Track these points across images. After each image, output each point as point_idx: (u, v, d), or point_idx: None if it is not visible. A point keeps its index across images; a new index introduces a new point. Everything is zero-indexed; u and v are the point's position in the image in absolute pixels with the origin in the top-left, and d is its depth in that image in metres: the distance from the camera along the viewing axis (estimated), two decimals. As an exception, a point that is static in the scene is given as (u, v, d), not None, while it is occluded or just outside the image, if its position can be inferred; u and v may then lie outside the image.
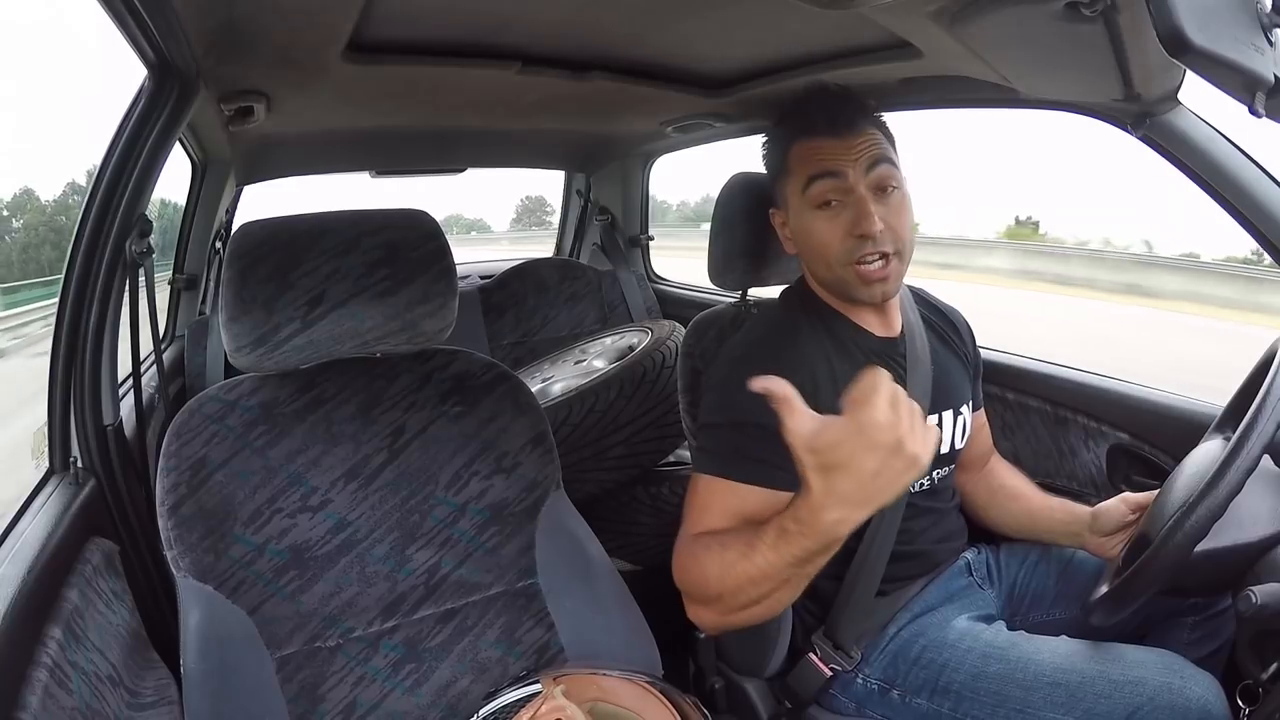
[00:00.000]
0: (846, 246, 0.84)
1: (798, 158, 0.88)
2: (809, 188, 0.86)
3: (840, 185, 0.85)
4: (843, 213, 0.85)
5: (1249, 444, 0.66)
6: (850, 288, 0.87)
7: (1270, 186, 0.92)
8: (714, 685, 1.02)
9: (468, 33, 1.03)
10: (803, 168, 0.87)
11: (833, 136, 0.86)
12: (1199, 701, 0.73)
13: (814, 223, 0.86)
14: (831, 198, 0.85)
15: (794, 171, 0.88)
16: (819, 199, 0.86)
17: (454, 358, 0.89)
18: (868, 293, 0.86)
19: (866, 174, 0.84)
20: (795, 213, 0.89)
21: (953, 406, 0.95)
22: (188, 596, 0.74)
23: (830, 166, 0.85)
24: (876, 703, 0.88)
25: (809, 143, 0.87)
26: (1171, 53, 0.43)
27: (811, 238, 0.88)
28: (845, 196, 0.85)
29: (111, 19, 0.75)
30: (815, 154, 0.86)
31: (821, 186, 0.85)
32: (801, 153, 0.87)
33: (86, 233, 0.86)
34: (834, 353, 0.88)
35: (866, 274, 0.85)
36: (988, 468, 1.09)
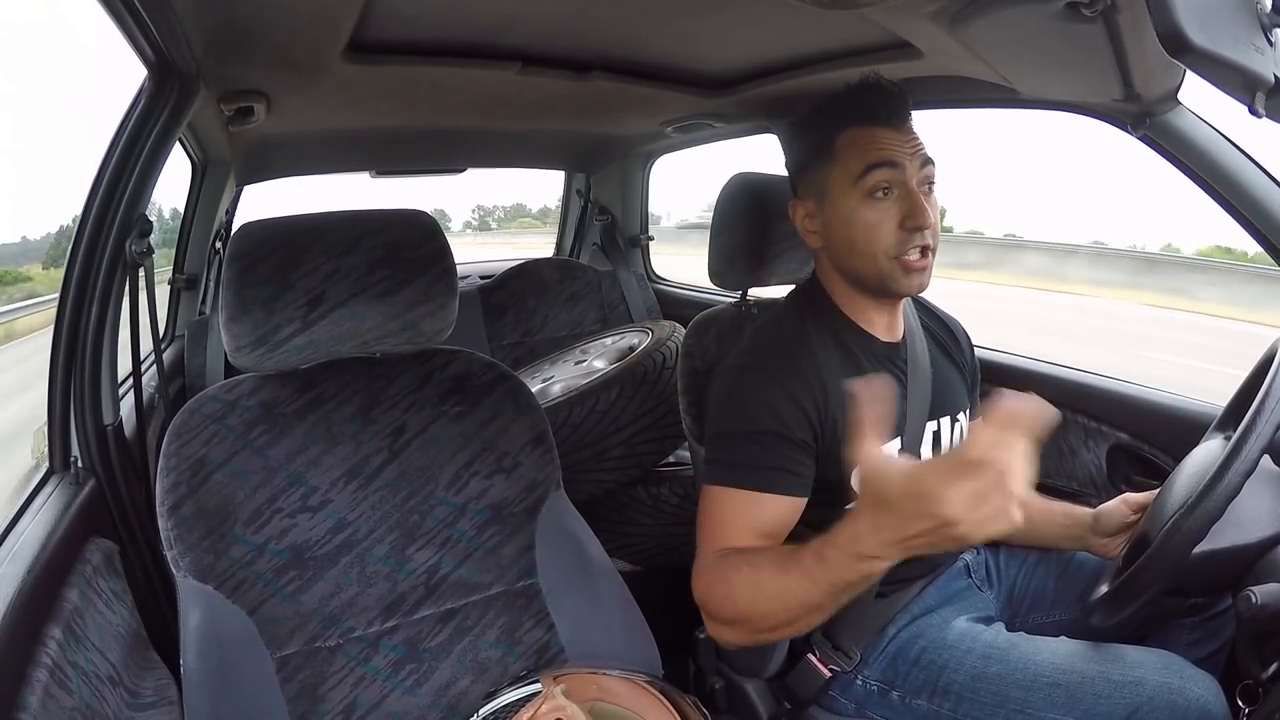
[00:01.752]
0: (897, 238, 0.84)
1: (851, 145, 0.85)
2: (865, 176, 0.84)
3: (898, 176, 0.83)
4: (895, 204, 0.84)
5: (1248, 444, 0.66)
6: (891, 279, 0.86)
7: (1270, 186, 0.92)
8: (714, 685, 1.02)
9: (468, 33, 1.03)
10: (858, 155, 0.85)
11: (891, 127, 0.84)
12: (1198, 702, 0.73)
13: (865, 211, 0.84)
14: (889, 186, 0.84)
15: (843, 159, 0.85)
16: (874, 187, 0.84)
17: (454, 358, 0.89)
18: (908, 283, 0.85)
19: (920, 169, 0.84)
20: (839, 201, 0.86)
21: (950, 413, 0.95)
22: (188, 596, 0.74)
23: (891, 156, 0.83)
24: (876, 703, 0.88)
25: (866, 130, 0.85)
26: (1171, 53, 0.43)
27: (858, 227, 0.85)
28: (899, 188, 0.84)
29: (111, 19, 0.75)
30: (874, 142, 0.84)
31: (880, 175, 0.83)
32: (857, 140, 0.85)
33: (86, 233, 0.86)
34: (840, 359, 0.88)
35: (910, 263, 0.84)
36: None
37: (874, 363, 0.90)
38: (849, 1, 0.76)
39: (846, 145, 0.85)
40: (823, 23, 0.95)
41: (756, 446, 0.81)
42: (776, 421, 0.82)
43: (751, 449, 0.81)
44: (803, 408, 0.83)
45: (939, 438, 0.94)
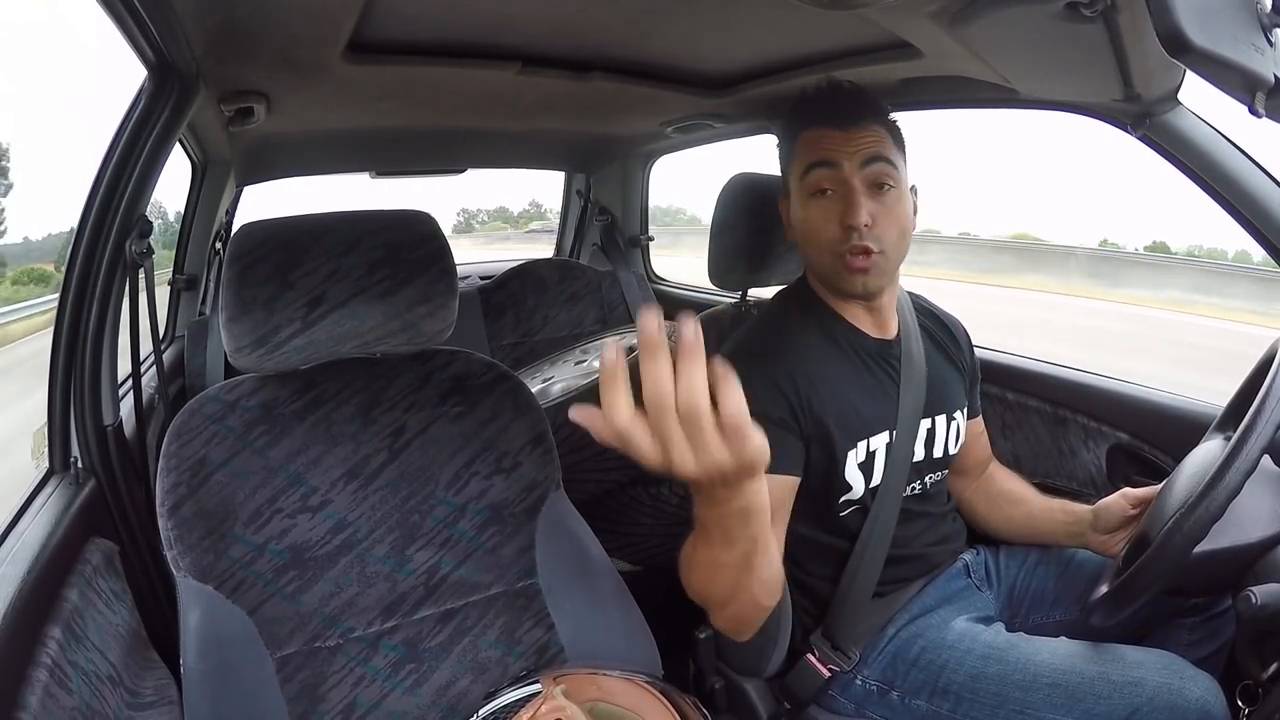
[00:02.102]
0: (835, 236, 0.86)
1: (802, 145, 0.90)
2: (807, 175, 0.88)
3: (835, 175, 0.86)
4: (836, 203, 0.86)
5: (1248, 445, 0.66)
6: (836, 277, 0.89)
7: (1270, 186, 0.92)
8: (714, 685, 1.02)
9: (468, 33, 1.03)
10: (804, 155, 0.89)
11: (835, 127, 0.88)
12: (1198, 702, 0.73)
13: (809, 209, 0.89)
14: (826, 186, 0.87)
15: (797, 158, 0.90)
16: (814, 186, 0.88)
17: (454, 358, 0.89)
18: (849, 283, 0.87)
19: (861, 168, 0.86)
20: (794, 198, 0.92)
21: (945, 411, 0.95)
22: (188, 596, 0.74)
23: (827, 156, 0.87)
24: (875, 703, 0.88)
25: (813, 131, 0.89)
26: (1171, 53, 0.43)
27: (804, 224, 0.90)
28: (839, 187, 0.86)
29: (111, 19, 0.75)
30: (816, 142, 0.88)
31: (817, 175, 0.87)
32: (805, 140, 0.90)
33: (86, 233, 0.86)
34: (827, 349, 0.89)
35: (850, 264, 0.86)
36: (986, 474, 1.09)
37: (866, 358, 0.91)
38: (849, 1, 0.76)
39: (801, 146, 0.90)
40: (823, 23, 0.95)
41: None
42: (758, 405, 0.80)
43: None
44: (778, 386, 0.84)
45: (933, 435, 0.94)
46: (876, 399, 0.90)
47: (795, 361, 0.86)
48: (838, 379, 0.88)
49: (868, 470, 0.88)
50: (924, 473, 0.94)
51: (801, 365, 0.86)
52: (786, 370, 0.85)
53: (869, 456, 0.88)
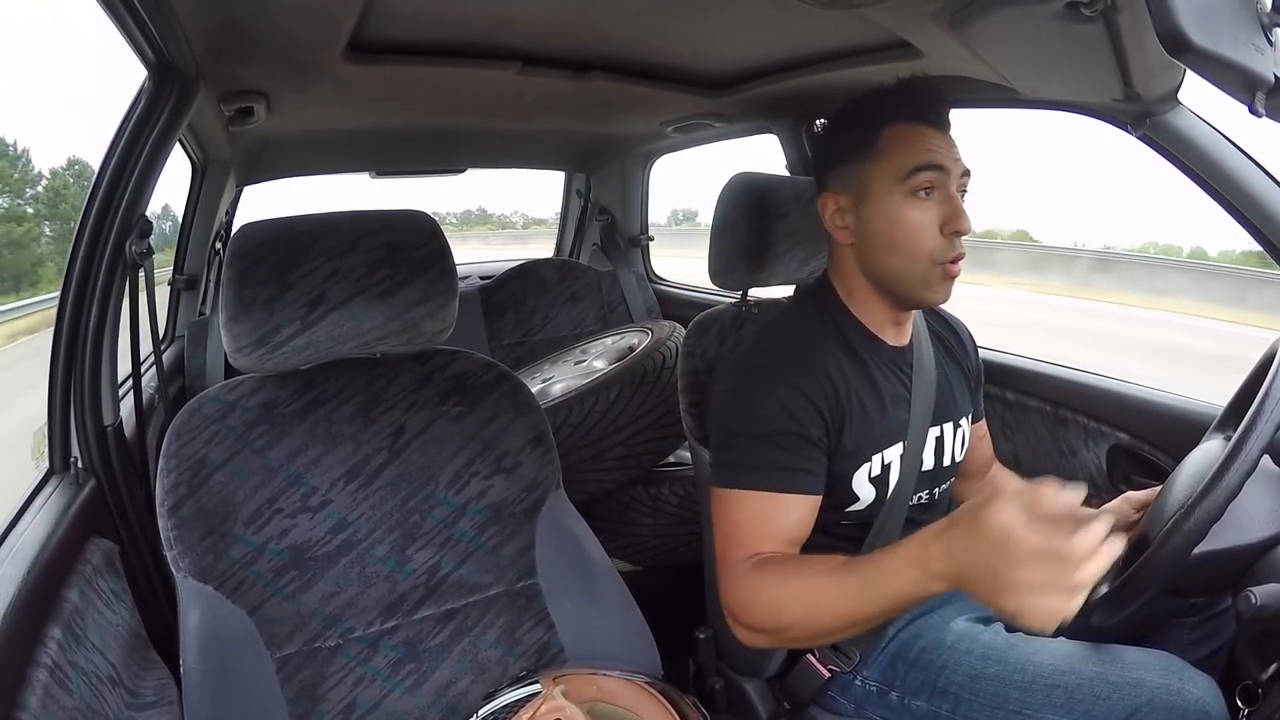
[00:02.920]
0: (940, 243, 0.83)
1: (898, 141, 0.83)
2: (914, 175, 0.82)
3: (942, 180, 0.82)
4: (937, 208, 0.82)
5: (1248, 445, 0.66)
6: (928, 287, 0.85)
7: (1270, 186, 0.92)
8: (714, 685, 1.02)
9: (468, 33, 1.03)
10: (906, 153, 0.82)
11: (939, 130, 0.84)
12: (1197, 703, 0.73)
13: (909, 212, 0.83)
14: (932, 188, 0.82)
15: (889, 155, 0.83)
16: (920, 188, 0.82)
17: (454, 358, 0.89)
18: (944, 289, 0.85)
19: (960, 176, 0.83)
20: (880, 198, 0.84)
21: (953, 419, 0.95)
22: (188, 596, 0.74)
23: (940, 160, 0.82)
24: (875, 704, 0.88)
25: (914, 129, 0.83)
26: (1171, 53, 0.43)
27: (901, 227, 0.83)
28: (942, 191, 0.82)
29: (111, 19, 0.75)
30: (924, 142, 0.82)
31: (927, 176, 0.82)
32: (905, 137, 0.83)
33: (86, 233, 0.86)
34: (847, 362, 0.87)
35: (950, 271, 0.84)
36: (988, 476, 1.09)
37: (881, 367, 0.90)
38: (849, 1, 0.76)
39: (892, 140, 0.83)
40: (822, 23, 0.95)
41: (773, 447, 0.81)
42: (791, 420, 0.81)
43: (768, 450, 0.81)
44: (815, 405, 0.82)
45: (941, 444, 0.94)
46: (891, 410, 0.88)
47: (825, 374, 0.84)
48: (861, 392, 0.86)
49: (882, 484, 0.87)
50: (932, 483, 0.94)
51: (830, 380, 0.84)
52: (818, 384, 0.83)
53: (884, 469, 0.88)
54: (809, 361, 0.85)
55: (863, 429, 0.86)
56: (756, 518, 0.80)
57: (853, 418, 0.85)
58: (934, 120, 0.83)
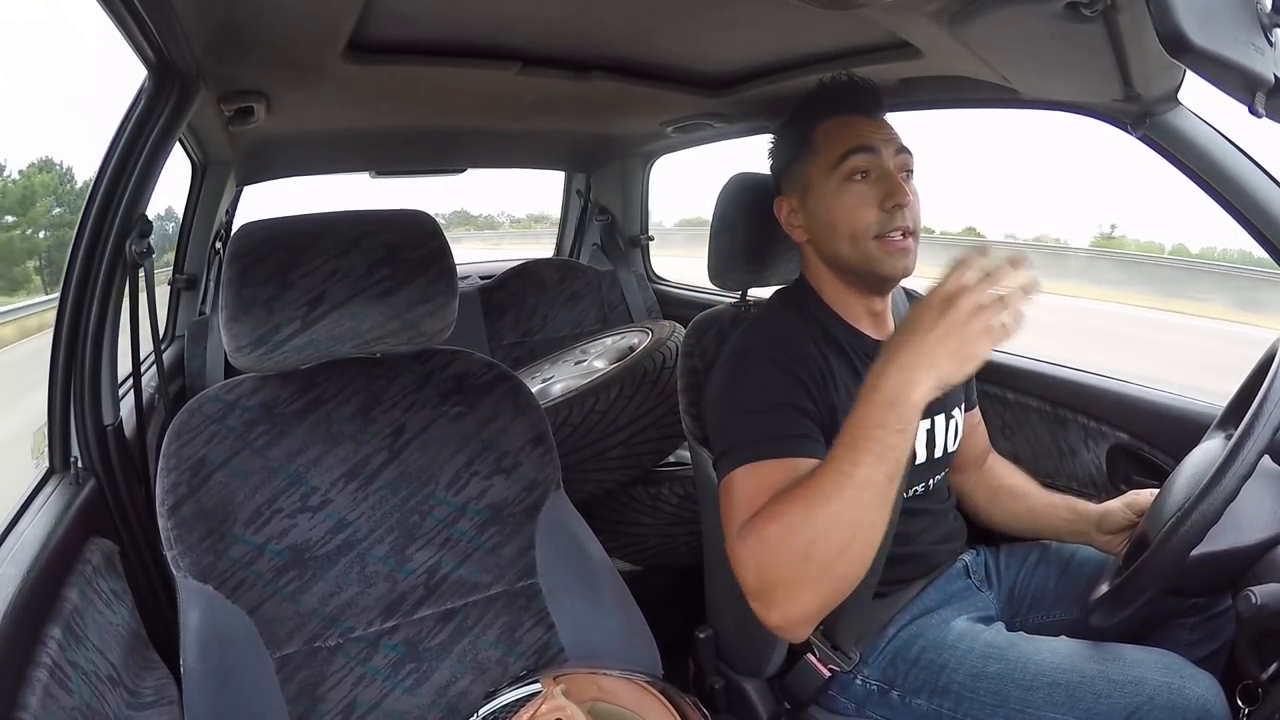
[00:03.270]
0: (877, 218, 0.85)
1: (829, 134, 0.88)
2: (843, 161, 0.86)
3: (874, 161, 0.86)
4: (873, 187, 0.86)
5: (1248, 445, 0.66)
6: (875, 262, 0.86)
7: (1270, 186, 0.92)
8: (714, 685, 1.02)
9: (468, 33, 1.03)
10: (835, 143, 0.87)
11: (865, 115, 0.88)
12: (1199, 701, 0.73)
13: (845, 196, 0.86)
14: (866, 170, 0.86)
15: (822, 148, 0.88)
16: (851, 172, 0.86)
17: (454, 358, 0.89)
18: (891, 264, 0.86)
19: (895, 155, 0.87)
20: (820, 189, 0.89)
21: (945, 410, 0.95)
22: (188, 596, 0.74)
23: (866, 142, 0.86)
24: (876, 703, 0.88)
25: (843, 119, 0.88)
26: (1171, 53, 0.43)
27: (839, 212, 0.87)
28: (877, 171, 0.86)
29: (111, 19, 0.75)
30: (850, 130, 0.87)
31: (858, 160, 0.86)
32: (834, 129, 0.88)
33: (86, 233, 0.86)
34: (832, 356, 0.88)
35: (893, 245, 0.85)
36: (986, 467, 1.09)
37: (866, 360, 0.90)
38: (848, 1, 0.76)
39: (824, 135, 0.89)
40: (822, 23, 0.95)
41: (765, 418, 0.81)
42: (781, 394, 0.82)
43: (762, 421, 0.81)
44: (802, 382, 0.83)
45: (933, 435, 0.94)
46: None
47: (810, 362, 0.85)
48: (848, 386, 0.87)
49: None
50: (926, 474, 0.94)
51: (817, 367, 0.85)
52: (807, 369, 0.85)
53: None
54: (796, 349, 0.86)
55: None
56: (758, 487, 0.77)
57: (841, 410, 0.85)
58: (859, 107, 0.89)
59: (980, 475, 1.09)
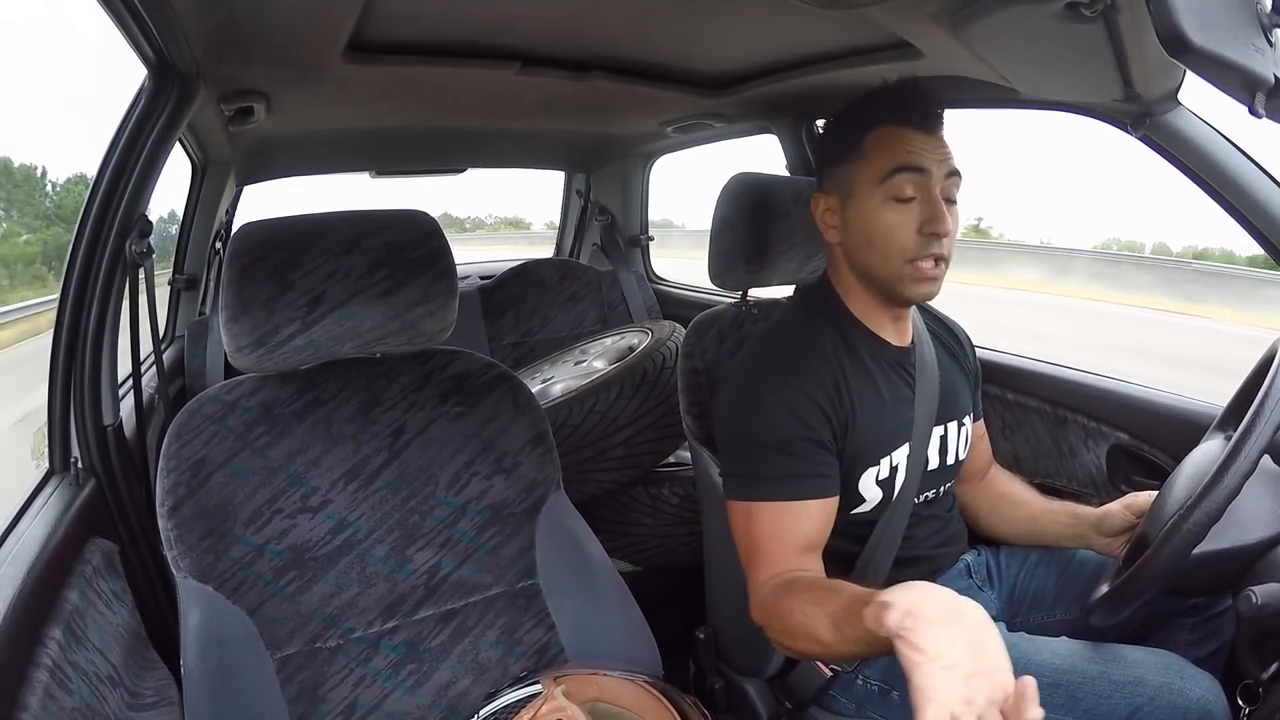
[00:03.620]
0: (914, 243, 0.83)
1: (880, 144, 0.84)
2: (891, 177, 0.83)
3: (923, 182, 0.82)
4: (916, 209, 0.83)
5: (1248, 445, 0.66)
6: (902, 284, 0.85)
7: (1270, 186, 0.92)
8: (714, 685, 1.02)
9: (468, 33, 1.03)
10: (886, 156, 0.83)
11: (924, 132, 0.83)
12: (1199, 702, 0.73)
13: (887, 213, 0.84)
14: (912, 192, 0.83)
15: (872, 157, 0.84)
16: (897, 191, 0.83)
17: (454, 358, 0.89)
18: (917, 290, 0.85)
19: (945, 179, 0.83)
20: (863, 198, 0.85)
21: (957, 418, 0.95)
22: (188, 597, 0.74)
23: (918, 161, 0.82)
24: (877, 704, 0.88)
25: (899, 131, 0.83)
26: (1171, 53, 0.43)
27: (877, 227, 0.84)
28: (922, 194, 0.83)
29: (111, 19, 0.75)
30: (905, 144, 0.83)
31: (905, 179, 0.82)
32: (887, 140, 0.84)
33: (86, 233, 0.86)
34: (849, 364, 0.88)
35: (923, 271, 0.84)
36: (988, 477, 1.09)
37: (884, 368, 0.90)
38: (849, 1, 0.76)
39: (876, 143, 0.84)
40: (822, 23, 0.95)
41: (784, 455, 0.81)
42: (800, 424, 0.82)
43: (779, 458, 0.81)
44: (821, 408, 0.83)
45: (945, 442, 0.94)
46: (897, 411, 0.89)
47: (830, 377, 0.85)
48: (864, 394, 0.87)
49: (888, 486, 0.88)
50: (937, 481, 0.94)
51: (835, 382, 0.85)
52: (825, 389, 0.84)
53: (892, 472, 0.88)
54: (812, 365, 0.85)
55: (868, 432, 0.86)
56: (776, 530, 0.81)
57: (857, 420, 0.85)
58: (918, 122, 0.83)
59: (982, 485, 1.09)
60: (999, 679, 0.52)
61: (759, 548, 0.82)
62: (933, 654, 0.53)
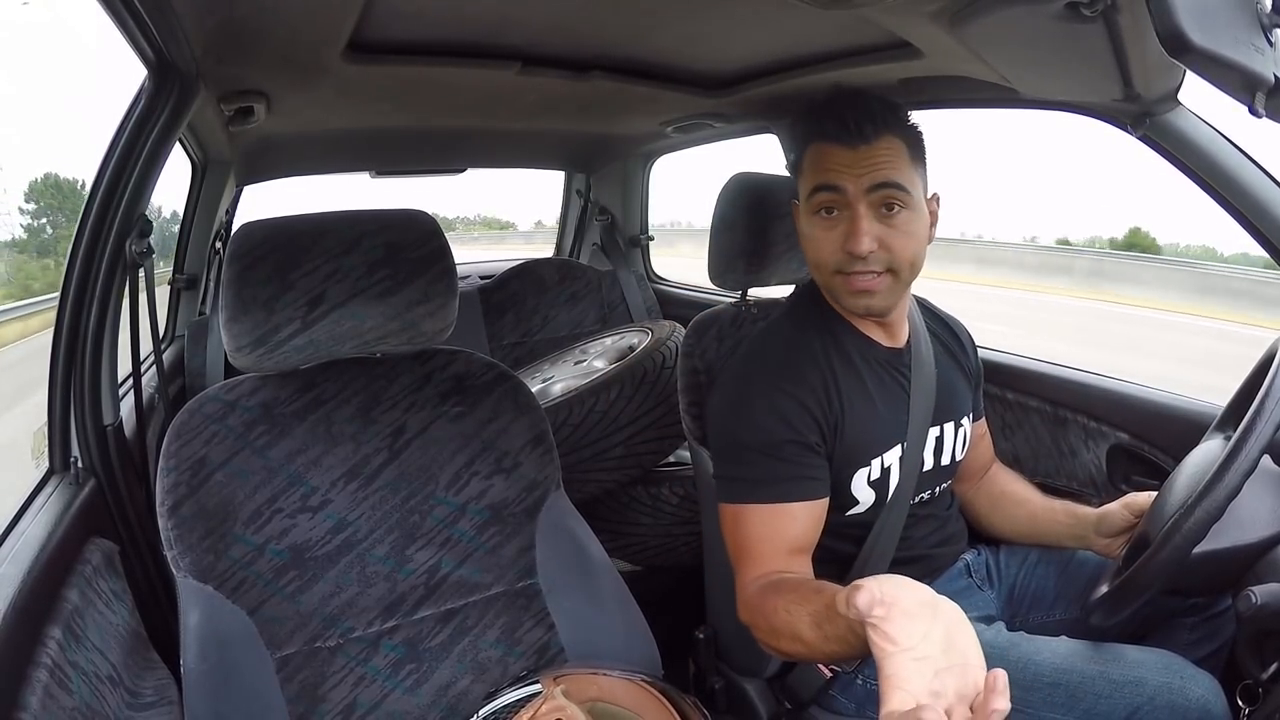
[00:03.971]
0: (837, 258, 0.84)
1: (810, 161, 0.87)
2: (814, 195, 0.85)
3: (840, 199, 0.83)
4: (839, 224, 0.84)
5: (1248, 445, 0.66)
6: (838, 295, 0.88)
7: (1270, 186, 0.92)
8: (714, 685, 1.02)
9: (468, 33, 1.03)
10: (812, 172, 0.86)
11: (844, 145, 0.83)
12: (1199, 701, 0.73)
13: (812, 229, 0.86)
14: (832, 207, 0.84)
15: (805, 173, 0.87)
16: (818, 207, 0.85)
17: (454, 358, 0.89)
18: (851, 302, 0.86)
19: (868, 193, 0.82)
20: (800, 213, 0.89)
21: (954, 419, 0.95)
22: (188, 596, 0.74)
23: (832, 179, 0.83)
24: (876, 704, 0.88)
25: (822, 147, 0.85)
26: (1171, 53, 0.43)
27: (806, 240, 0.88)
28: (843, 210, 0.84)
29: (111, 19, 0.75)
30: (823, 161, 0.84)
31: (823, 197, 0.84)
32: (815, 157, 0.86)
33: (86, 233, 0.86)
34: (839, 365, 0.88)
35: (852, 283, 0.84)
36: (989, 475, 1.09)
37: (875, 368, 0.90)
38: (849, 1, 0.76)
39: (807, 160, 0.87)
40: (822, 23, 0.95)
41: (773, 460, 0.82)
42: (789, 429, 0.82)
43: (768, 463, 0.82)
44: (810, 412, 0.84)
45: (941, 443, 0.94)
46: (889, 412, 0.89)
47: (818, 381, 0.85)
48: (854, 396, 0.87)
49: (881, 487, 0.88)
50: (933, 481, 0.94)
51: (824, 385, 0.86)
52: (813, 392, 0.85)
53: (884, 473, 0.88)
54: (801, 368, 0.86)
55: (858, 433, 0.86)
56: (764, 532, 0.82)
57: (847, 422, 0.86)
58: (841, 137, 0.83)
59: (983, 483, 1.09)
60: (970, 675, 0.52)
61: (746, 549, 0.83)
62: (905, 645, 0.53)
